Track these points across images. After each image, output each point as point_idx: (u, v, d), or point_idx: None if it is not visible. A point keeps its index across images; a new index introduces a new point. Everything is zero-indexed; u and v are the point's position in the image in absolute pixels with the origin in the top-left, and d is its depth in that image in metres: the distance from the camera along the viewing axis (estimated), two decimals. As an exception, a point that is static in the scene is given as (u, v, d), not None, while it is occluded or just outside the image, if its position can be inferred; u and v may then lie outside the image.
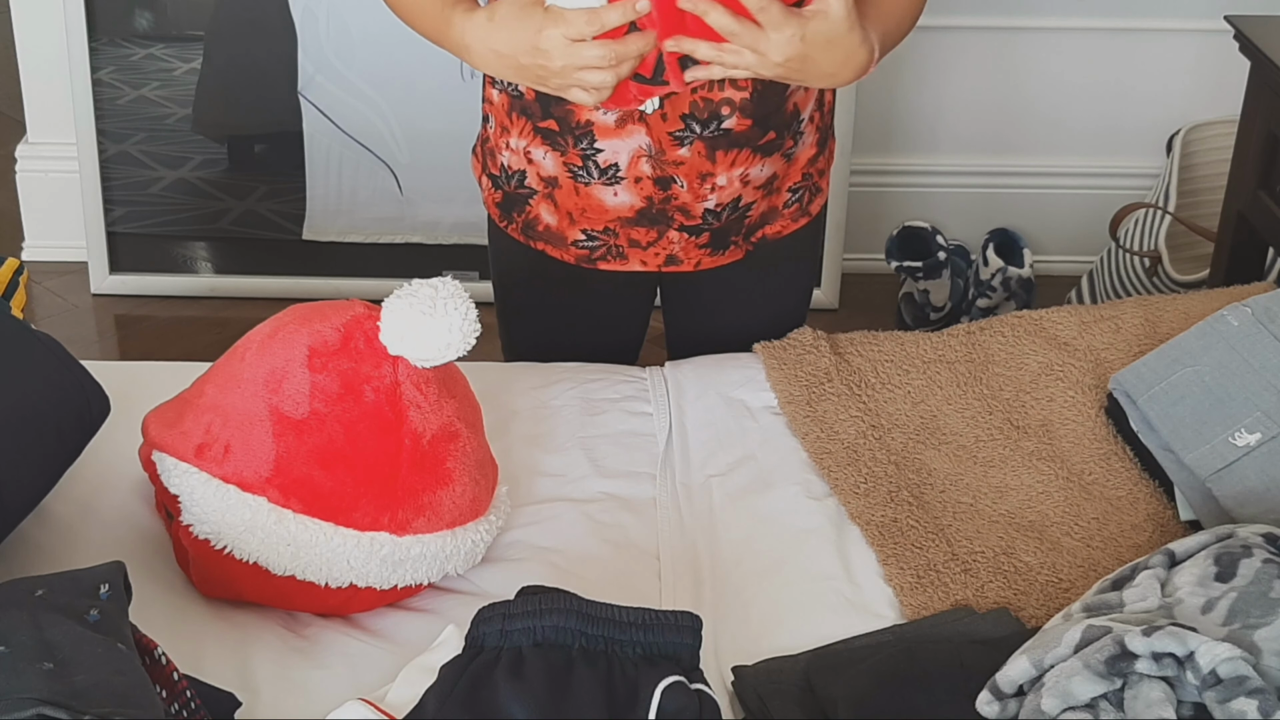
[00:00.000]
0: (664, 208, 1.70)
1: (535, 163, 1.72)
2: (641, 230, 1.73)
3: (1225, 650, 1.14)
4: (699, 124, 1.64)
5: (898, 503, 1.57)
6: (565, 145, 1.68)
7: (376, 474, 1.38)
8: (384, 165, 3.00)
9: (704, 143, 1.65)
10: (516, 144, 1.72)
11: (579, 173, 1.69)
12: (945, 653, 1.32)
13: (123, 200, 3.08)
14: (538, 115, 1.68)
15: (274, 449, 1.37)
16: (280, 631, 1.40)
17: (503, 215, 1.80)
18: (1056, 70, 3.19)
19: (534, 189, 1.74)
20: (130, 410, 1.56)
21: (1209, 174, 3.03)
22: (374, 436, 1.38)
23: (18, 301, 3.00)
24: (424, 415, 1.40)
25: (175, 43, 3.01)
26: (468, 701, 1.21)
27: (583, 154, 1.67)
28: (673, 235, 1.73)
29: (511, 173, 1.76)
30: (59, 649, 1.11)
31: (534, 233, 1.78)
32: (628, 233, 1.73)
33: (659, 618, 1.26)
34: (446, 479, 1.42)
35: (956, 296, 3.16)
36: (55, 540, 1.48)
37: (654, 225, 1.72)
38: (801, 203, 1.81)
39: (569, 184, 1.71)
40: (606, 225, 1.73)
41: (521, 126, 1.71)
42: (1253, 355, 1.58)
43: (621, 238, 1.74)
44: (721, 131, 1.65)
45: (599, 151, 1.66)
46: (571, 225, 1.74)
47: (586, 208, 1.72)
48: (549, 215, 1.75)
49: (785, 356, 1.77)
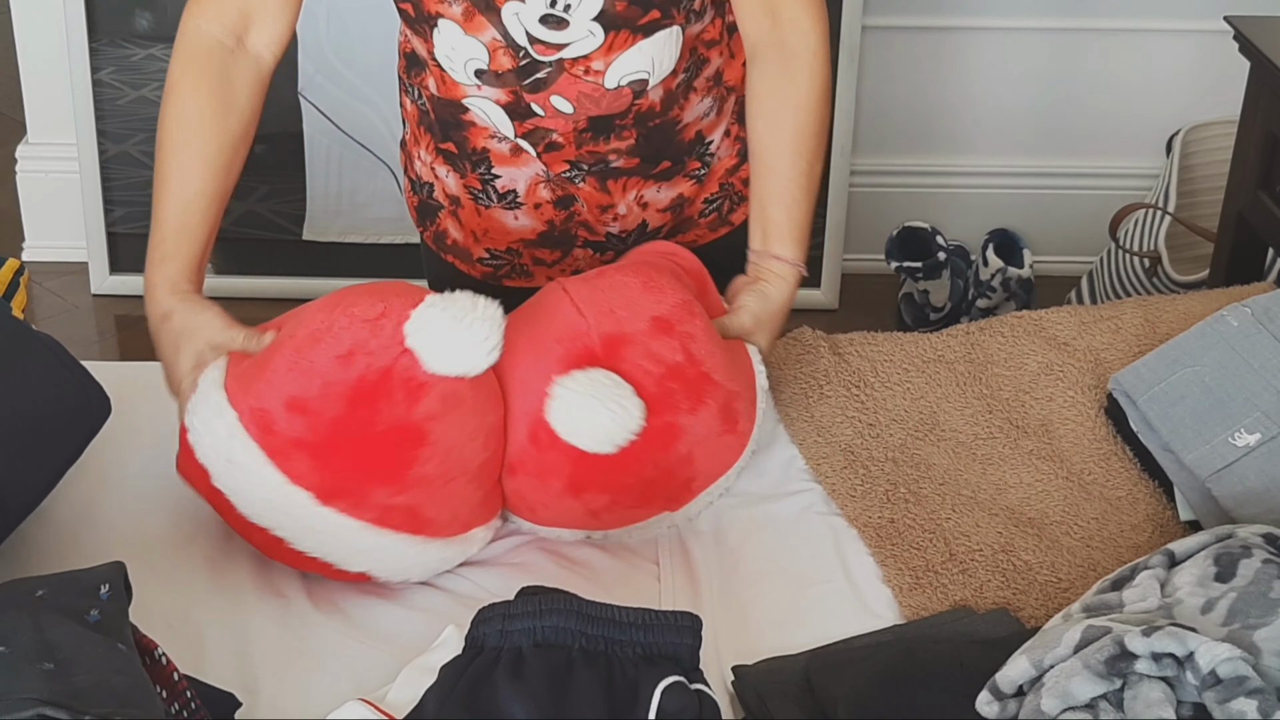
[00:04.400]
0: (567, 228, 1.70)
1: (440, 179, 1.72)
2: (546, 250, 1.73)
3: (1225, 650, 1.14)
4: (583, 167, 1.65)
5: (895, 502, 1.57)
6: (465, 169, 1.68)
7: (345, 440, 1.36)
8: (384, 166, 3.00)
9: (594, 178, 1.66)
10: (424, 157, 1.73)
11: (479, 195, 1.69)
12: (945, 653, 1.32)
13: (123, 200, 3.08)
14: (439, 136, 1.67)
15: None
16: (280, 632, 1.40)
17: (419, 220, 1.80)
18: (1056, 71, 3.19)
19: (440, 203, 1.75)
20: (130, 411, 1.56)
21: (1209, 174, 3.04)
22: (350, 405, 1.35)
23: (18, 302, 3.00)
24: (398, 409, 1.36)
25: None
26: (468, 702, 1.21)
27: (481, 178, 1.67)
28: (578, 253, 1.73)
29: (422, 183, 1.76)
30: (59, 649, 1.11)
31: (444, 245, 1.78)
32: (532, 252, 1.73)
33: (659, 618, 1.26)
34: (399, 482, 1.38)
35: (956, 297, 3.16)
36: (55, 541, 1.48)
37: (558, 246, 1.72)
38: (720, 213, 1.79)
39: (470, 205, 1.71)
40: (510, 246, 1.73)
41: (427, 142, 1.71)
42: (1252, 356, 1.58)
43: (525, 257, 1.73)
44: (610, 170, 1.65)
45: (497, 178, 1.67)
46: (476, 243, 1.74)
47: (489, 229, 1.72)
48: (455, 231, 1.75)
49: (784, 357, 1.77)
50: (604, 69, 1.56)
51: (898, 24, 3.12)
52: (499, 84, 1.58)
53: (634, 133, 1.64)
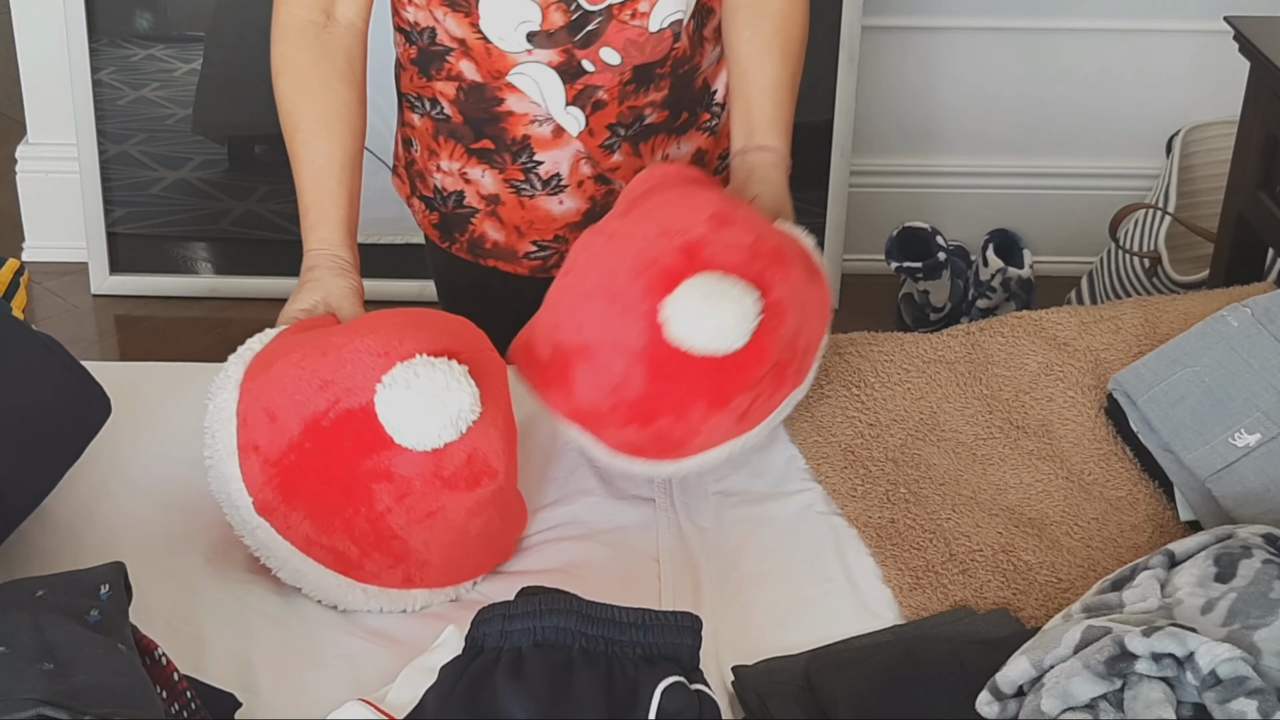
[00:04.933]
0: (607, 204, 1.71)
1: (473, 182, 1.73)
2: None
3: (1225, 651, 1.14)
4: (624, 129, 1.67)
5: (895, 502, 1.57)
6: (504, 162, 1.69)
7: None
8: (384, 166, 2.99)
9: (629, 143, 1.69)
10: (449, 166, 1.73)
11: (522, 187, 1.70)
12: (945, 653, 1.32)
13: (123, 201, 3.08)
14: (469, 138, 1.69)
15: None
16: (280, 632, 1.40)
17: (443, 236, 1.80)
18: (1056, 71, 3.19)
19: (475, 208, 1.75)
20: (130, 411, 1.56)
21: (1209, 175, 3.04)
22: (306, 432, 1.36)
23: (18, 302, 3.00)
24: (346, 455, 1.35)
25: (175, 43, 3.01)
26: (468, 702, 1.21)
27: (523, 168, 1.68)
28: None
29: (447, 194, 1.76)
30: (59, 649, 1.11)
31: (482, 251, 1.78)
32: (576, 236, 1.73)
33: (659, 618, 1.26)
34: (326, 524, 1.37)
35: (956, 297, 3.16)
36: (56, 541, 1.48)
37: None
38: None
39: (513, 199, 1.71)
40: (556, 234, 1.74)
41: (451, 149, 1.72)
42: (1253, 356, 1.58)
43: (568, 244, 1.73)
44: (644, 129, 1.68)
45: (539, 164, 1.68)
46: (521, 239, 1.75)
47: (534, 219, 1.73)
48: (495, 232, 1.76)
49: (785, 357, 1.77)
50: (649, 11, 1.62)
51: (897, 24, 3.12)
52: (551, 44, 1.61)
53: (668, 82, 1.68)
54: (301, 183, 1.62)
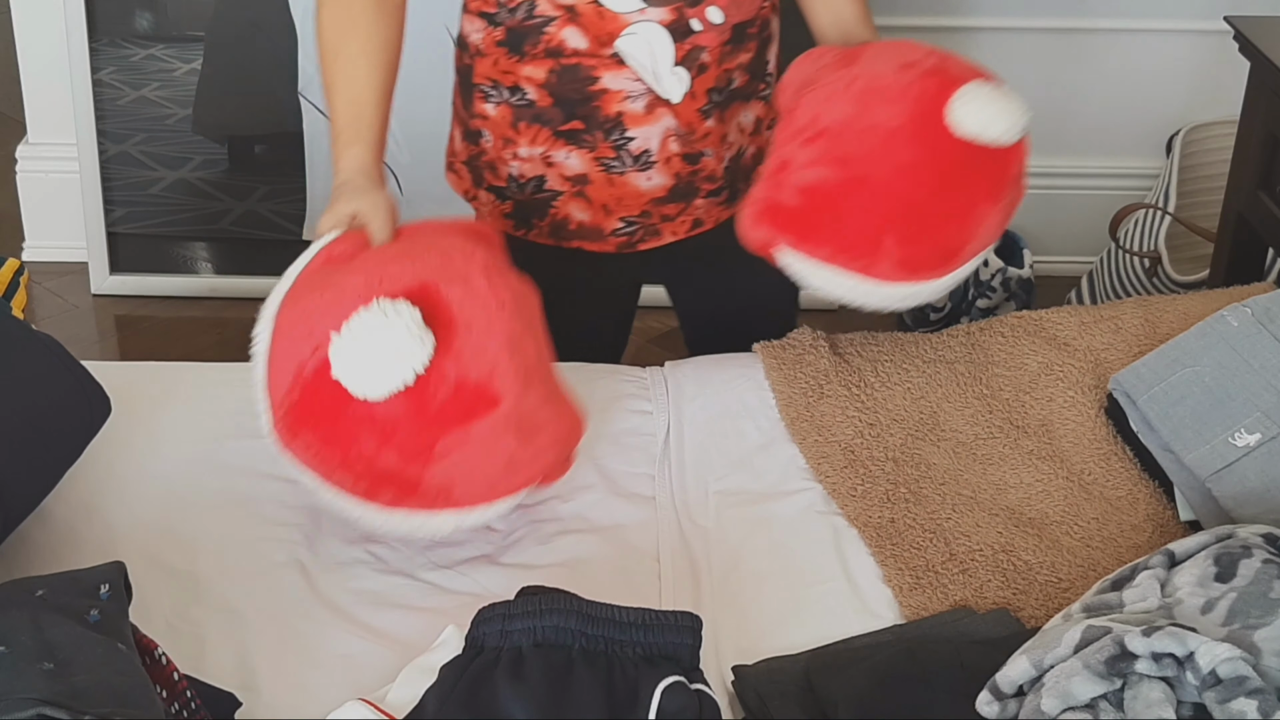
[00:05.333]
0: (691, 180, 1.76)
1: (556, 165, 1.74)
2: (673, 206, 1.78)
3: (1225, 650, 1.14)
4: (718, 93, 1.72)
5: (895, 502, 1.57)
6: (594, 141, 1.71)
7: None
8: (384, 166, 2.99)
9: (718, 109, 1.73)
10: (529, 152, 1.74)
11: (612, 164, 1.73)
12: (945, 653, 1.32)
13: (123, 201, 3.08)
14: (558, 120, 1.71)
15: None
16: (280, 631, 1.40)
17: (519, 224, 1.81)
18: (1056, 70, 3.19)
19: (558, 190, 1.76)
20: (130, 411, 1.56)
21: (1209, 174, 3.03)
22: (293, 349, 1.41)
23: (18, 302, 3.00)
24: (304, 378, 1.39)
25: (176, 43, 3.01)
26: (468, 702, 1.21)
27: (614, 145, 1.71)
28: (698, 203, 1.79)
29: (525, 180, 1.77)
30: (59, 649, 1.11)
31: (565, 233, 1.80)
32: (660, 210, 1.78)
33: (659, 618, 1.26)
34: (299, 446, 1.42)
35: (956, 297, 3.16)
36: (56, 540, 1.48)
37: (683, 199, 1.78)
38: None
39: (601, 177, 1.74)
40: (642, 209, 1.77)
41: (534, 134, 1.73)
42: (1253, 356, 1.58)
43: (655, 216, 1.78)
44: (730, 93, 1.74)
45: (630, 140, 1.71)
46: (608, 216, 1.77)
47: (622, 196, 1.75)
48: (581, 212, 1.77)
49: (785, 357, 1.77)
50: None
51: (898, 24, 3.12)
52: (663, 1, 1.65)
53: (755, 44, 1.75)
54: (336, 105, 1.64)
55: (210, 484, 1.58)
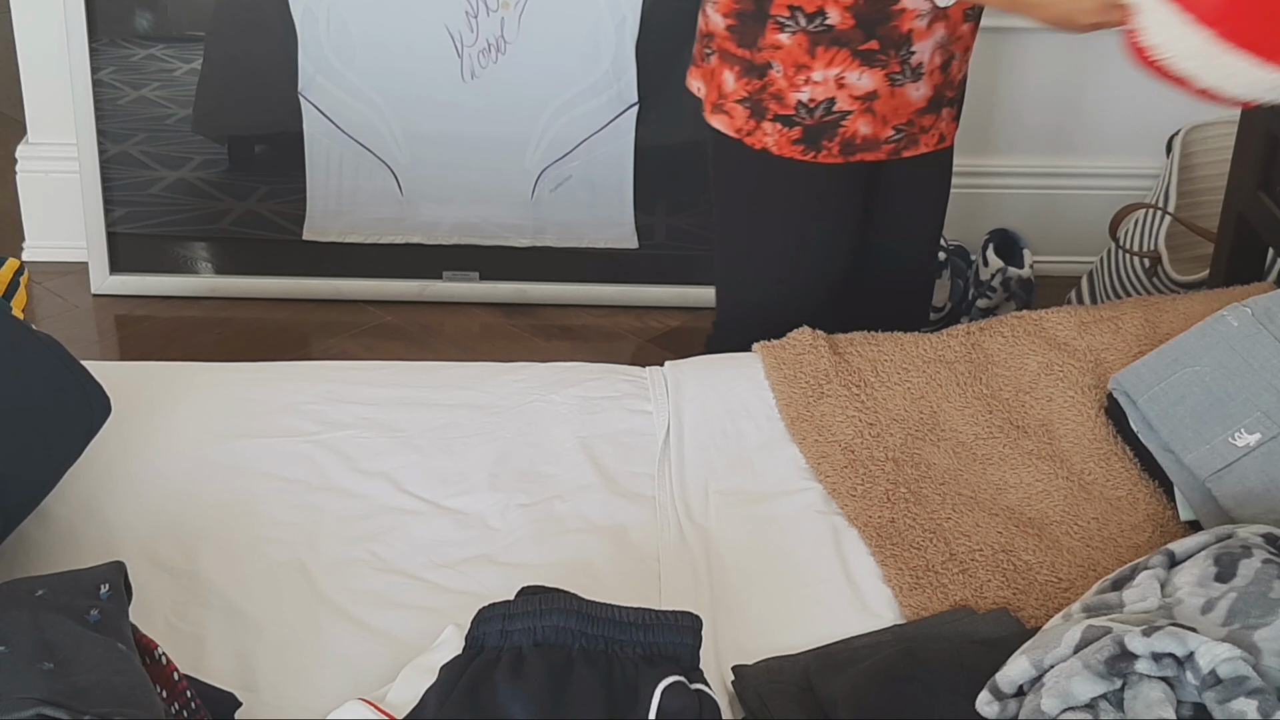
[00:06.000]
0: (942, 91, 1.94)
1: (848, 85, 1.87)
2: (929, 116, 1.94)
3: (1225, 650, 1.14)
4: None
5: (895, 501, 1.57)
6: (886, 59, 1.86)
7: None
8: (384, 165, 2.99)
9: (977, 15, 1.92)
10: (823, 75, 1.86)
11: (897, 78, 1.88)
12: (945, 653, 1.32)
13: (123, 200, 3.08)
14: (858, 40, 1.84)
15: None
16: (280, 631, 1.40)
17: (808, 147, 1.91)
18: (1056, 70, 3.18)
19: (847, 110, 1.89)
20: (130, 410, 1.56)
21: (1209, 174, 3.03)
22: None
23: (18, 302, 3.00)
24: None
25: (176, 43, 3.00)
26: (468, 702, 1.21)
27: (901, 60, 1.87)
28: (944, 112, 1.97)
29: (814, 105, 1.88)
30: (59, 649, 1.11)
31: (852, 148, 1.92)
32: (919, 120, 1.94)
33: (659, 618, 1.26)
34: None
35: (956, 297, 3.16)
36: (56, 540, 1.48)
37: (936, 109, 1.95)
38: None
39: (886, 91, 1.89)
40: (909, 118, 1.92)
41: (831, 57, 1.84)
42: (1253, 356, 1.58)
43: (916, 126, 1.94)
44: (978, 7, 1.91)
45: (913, 54, 1.87)
46: (885, 126, 1.92)
47: (899, 107, 1.91)
48: (866, 127, 1.91)
49: (784, 357, 1.77)
50: None
51: (898, 24, 3.12)
52: None
53: None
54: None
55: (211, 484, 1.58)
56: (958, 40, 1.93)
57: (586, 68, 2.82)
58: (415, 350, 2.82)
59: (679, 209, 2.95)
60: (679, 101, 2.87)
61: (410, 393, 1.75)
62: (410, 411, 1.71)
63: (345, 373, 1.82)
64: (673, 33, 2.72)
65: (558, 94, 2.84)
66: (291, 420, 1.68)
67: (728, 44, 1.90)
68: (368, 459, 1.64)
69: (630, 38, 2.79)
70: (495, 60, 2.81)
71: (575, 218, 2.94)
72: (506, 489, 1.59)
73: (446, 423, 1.69)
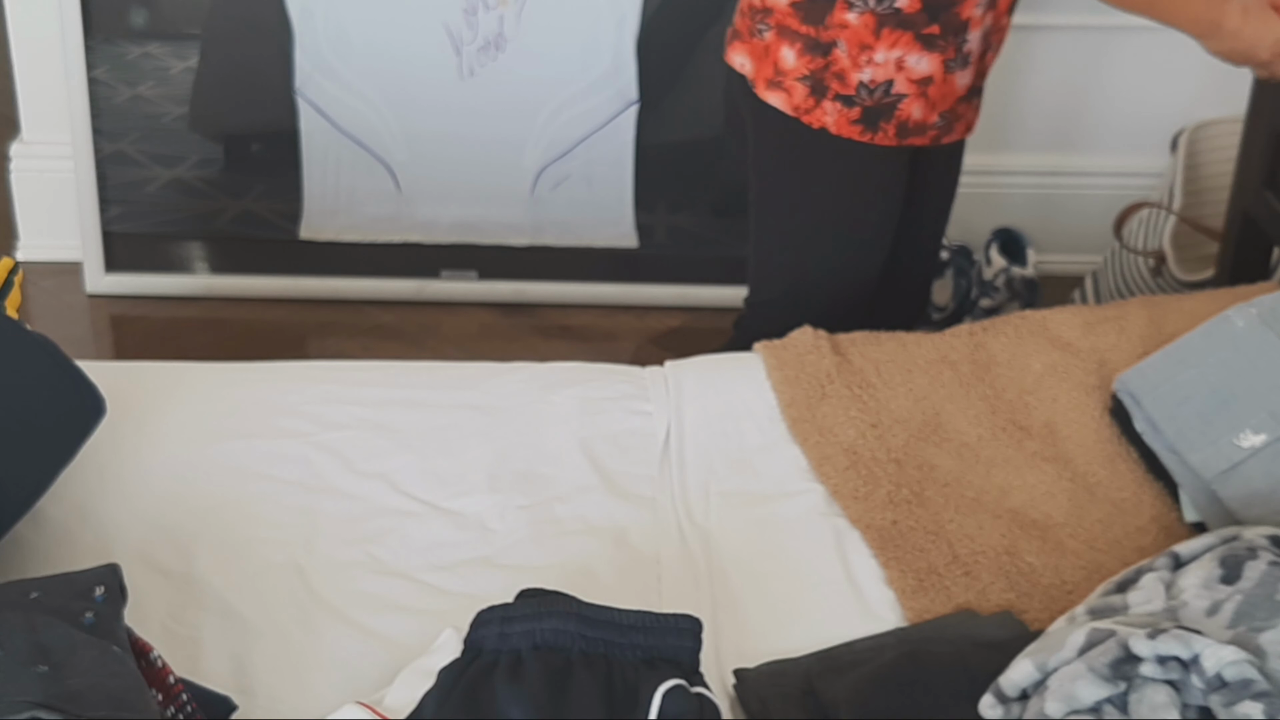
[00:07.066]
0: (978, 80, 1.99)
1: (906, 68, 1.90)
2: (966, 104, 1.99)
3: (1230, 653, 1.14)
4: None
5: (898, 503, 1.56)
6: (945, 45, 1.89)
7: None
8: (381, 164, 2.99)
9: (1012, 8, 1.97)
10: (885, 57, 1.88)
11: (952, 64, 1.91)
12: (948, 655, 1.32)
13: (118, 199, 3.07)
14: (922, 24, 1.87)
15: None
16: (277, 634, 1.40)
17: (867, 128, 1.93)
18: (1060, 68, 3.18)
19: (904, 93, 1.92)
20: (126, 411, 1.56)
21: (1214, 173, 3.02)
22: None
23: (12, 301, 2.99)
24: None
25: (171, 41, 3.00)
26: (466, 705, 1.21)
27: (957, 47, 1.90)
28: (974, 102, 2.01)
29: (874, 86, 1.91)
30: (54, 652, 1.12)
31: (906, 131, 1.95)
32: (957, 109, 1.98)
33: (659, 621, 1.26)
34: None
35: (959, 296, 3.16)
36: (50, 542, 1.48)
37: (973, 98, 2.00)
38: None
39: (940, 77, 1.92)
40: (953, 105, 1.96)
41: (895, 39, 1.87)
42: (1258, 356, 1.57)
43: (955, 113, 1.98)
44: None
45: (966, 41, 1.91)
46: (932, 111, 1.95)
47: (947, 93, 1.95)
48: (919, 111, 1.94)
49: (786, 357, 1.76)
50: None
51: (898, 22, 3.12)
52: None
53: None
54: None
55: (206, 485, 1.58)
56: (998, 31, 1.97)
57: (586, 66, 2.81)
58: (413, 350, 2.82)
59: (679, 208, 2.95)
60: (679, 99, 2.86)
61: (408, 393, 1.74)
62: (408, 412, 1.70)
63: (342, 373, 1.81)
64: (673, 30, 2.71)
65: (557, 92, 2.83)
66: (288, 421, 1.68)
67: (790, 20, 1.90)
68: (365, 460, 1.63)
69: (630, 35, 2.79)
70: (494, 58, 2.81)
71: (575, 217, 2.93)
72: (505, 490, 1.59)
73: (445, 423, 1.69)
